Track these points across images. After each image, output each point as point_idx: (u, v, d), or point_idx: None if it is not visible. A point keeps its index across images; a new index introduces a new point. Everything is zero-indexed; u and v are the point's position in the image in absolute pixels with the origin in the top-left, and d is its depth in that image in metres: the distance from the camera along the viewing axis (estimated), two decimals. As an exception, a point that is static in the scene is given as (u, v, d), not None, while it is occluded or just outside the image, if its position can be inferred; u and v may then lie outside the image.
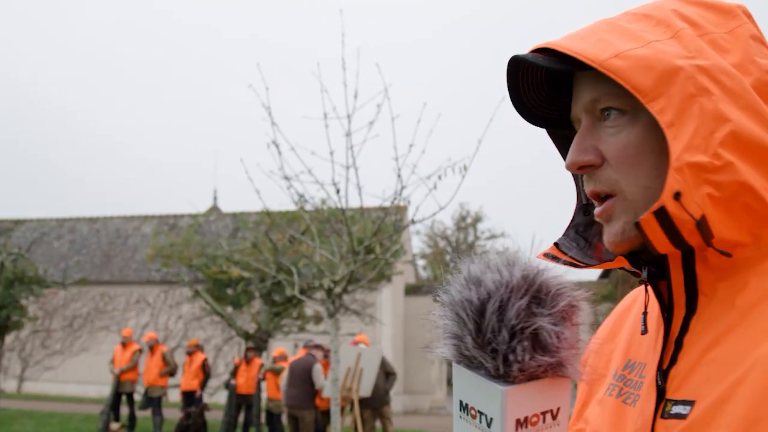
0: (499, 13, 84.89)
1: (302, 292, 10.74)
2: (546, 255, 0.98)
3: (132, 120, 77.64)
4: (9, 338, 26.04)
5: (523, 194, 64.12)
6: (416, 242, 45.71)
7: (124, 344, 14.66)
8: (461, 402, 0.87)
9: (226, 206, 35.01)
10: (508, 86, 1.00)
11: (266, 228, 14.82)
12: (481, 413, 0.85)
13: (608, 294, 18.99)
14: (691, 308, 0.90)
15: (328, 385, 10.08)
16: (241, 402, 13.83)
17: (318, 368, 11.32)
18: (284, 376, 11.84)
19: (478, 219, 45.16)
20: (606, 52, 0.87)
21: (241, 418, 14.19)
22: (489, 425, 0.84)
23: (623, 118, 0.90)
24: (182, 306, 25.24)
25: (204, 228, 26.18)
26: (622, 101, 0.90)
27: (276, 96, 9.47)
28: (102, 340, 26.36)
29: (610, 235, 0.93)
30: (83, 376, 26.21)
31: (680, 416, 0.84)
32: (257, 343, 15.21)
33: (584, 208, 1.04)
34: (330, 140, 8.64)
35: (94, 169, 74.16)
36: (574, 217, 1.05)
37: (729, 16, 0.92)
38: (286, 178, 8.91)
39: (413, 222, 9.05)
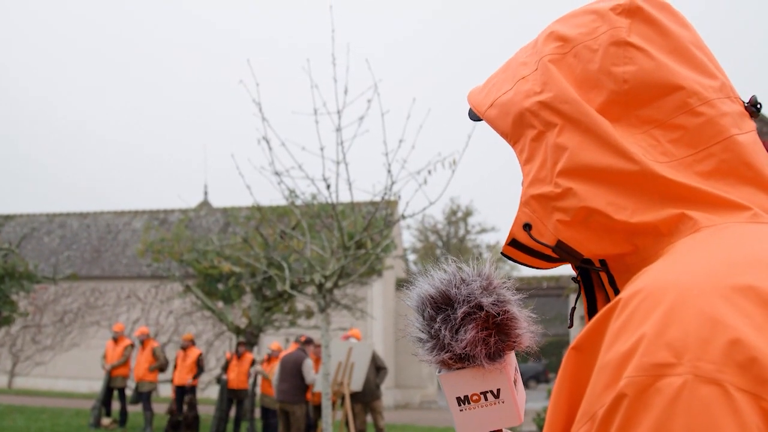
0: None
1: (293, 287, 10.75)
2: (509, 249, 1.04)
3: (122, 115, 77.34)
4: (-1, 334, 26.00)
5: (514, 188, 64.19)
6: (407, 237, 45.72)
7: (116, 339, 14.67)
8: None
9: (217, 201, 34.97)
10: None
11: (257, 223, 14.81)
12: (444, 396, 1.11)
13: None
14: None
15: (319, 380, 10.12)
16: (232, 397, 13.85)
17: (308, 363, 11.35)
18: (275, 371, 11.88)
19: (468, 213, 45.22)
20: (487, 101, 0.97)
21: (233, 413, 14.21)
22: (448, 404, 1.10)
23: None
24: (173, 301, 25.20)
25: (195, 223, 26.14)
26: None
27: (266, 91, 9.49)
28: (93, 335, 26.31)
29: None
30: (74, 371, 26.17)
31: None
32: (248, 338, 15.22)
33: None
34: (320, 136, 8.67)
35: (84, 164, 73.87)
36: None
37: (600, 20, 0.92)
38: (277, 173, 8.93)
39: (403, 217, 9.10)
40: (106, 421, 14.05)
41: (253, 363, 13.79)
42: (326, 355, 8.99)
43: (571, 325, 1.06)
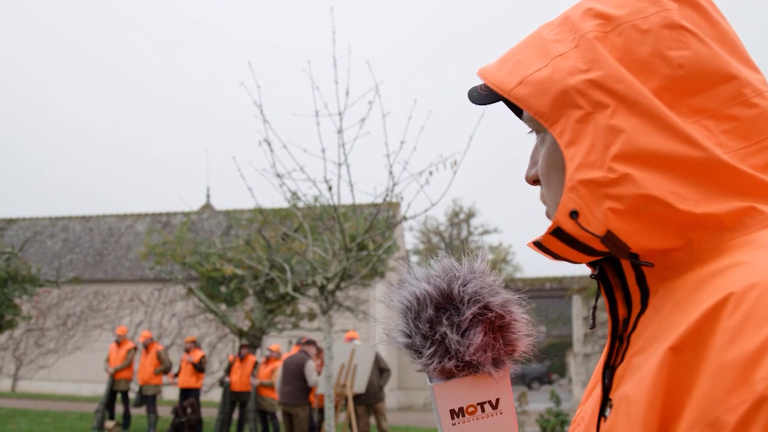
0: None
1: (295, 289, 10.77)
2: (536, 244, 0.99)
3: (124, 118, 77.41)
4: (3, 337, 25.99)
5: (516, 189, 64.17)
6: (409, 238, 45.77)
7: (119, 343, 14.67)
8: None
9: (219, 204, 35.02)
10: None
11: (259, 225, 14.80)
12: (434, 408, 0.99)
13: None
14: (644, 305, 0.89)
15: (322, 382, 10.12)
16: (235, 399, 13.85)
17: (310, 365, 11.35)
18: (278, 374, 11.87)
19: (471, 215, 45.23)
20: (515, 79, 0.88)
21: (236, 415, 14.21)
22: (438, 417, 0.98)
23: (539, 138, 0.94)
24: (176, 304, 25.22)
25: (197, 226, 26.15)
26: (533, 123, 0.94)
27: (268, 94, 9.50)
28: (96, 338, 26.32)
29: None
30: (77, 374, 26.18)
31: (605, 417, 0.86)
32: (251, 341, 15.21)
33: None
34: (322, 138, 8.67)
35: (87, 168, 73.92)
36: None
37: (648, 1, 0.87)
38: (279, 175, 8.93)
39: (405, 218, 9.09)
40: (109, 424, 14.04)
41: (255, 365, 13.80)
42: (329, 357, 8.99)
43: (594, 326, 0.98)
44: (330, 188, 8.61)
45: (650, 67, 0.84)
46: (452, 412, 0.96)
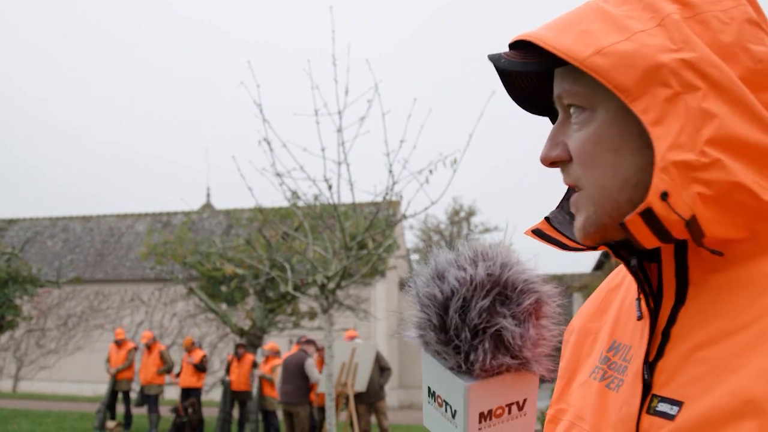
0: None
1: (296, 288, 10.77)
2: (535, 232, 0.95)
3: (123, 118, 77.43)
4: (4, 338, 26.00)
5: (517, 186, 64.21)
6: (410, 237, 45.77)
7: (119, 344, 14.65)
8: (429, 388, 0.91)
9: (219, 203, 35.01)
10: (501, 77, 0.97)
11: (259, 225, 14.82)
12: (446, 403, 0.88)
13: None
14: (680, 298, 0.88)
15: (323, 381, 10.12)
16: (235, 399, 13.86)
17: (310, 362, 11.35)
18: (278, 373, 11.88)
19: (471, 213, 45.21)
20: (588, 48, 0.83)
21: (236, 414, 14.21)
22: (453, 416, 0.87)
23: (583, 115, 0.89)
24: (177, 303, 25.23)
25: (197, 225, 26.16)
26: (581, 98, 0.89)
27: (267, 93, 9.50)
28: (97, 338, 26.34)
29: (575, 228, 0.92)
30: (78, 374, 26.19)
31: (667, 416, 0.83)
32: (252, 340, 15.23)
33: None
34: (321, 137, 8.67)
35: (87, 168, 73.96)
36: (564, 196, 1.01)
37: None
38: (279, 174, 8.94)
39: (405, 217, 9.10)
40: (110, 423, 14.05)
41: (254, 365, 13.81)
42: (329, 355, 8.99)
43: (641, 317, 0.92)
44: (330, 187, 8.61)
45: (734, 56, 0.83)
46: (481, 415, 0.87)
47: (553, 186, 1.01)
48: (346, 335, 12.58)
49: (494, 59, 0.92)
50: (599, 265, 20.51)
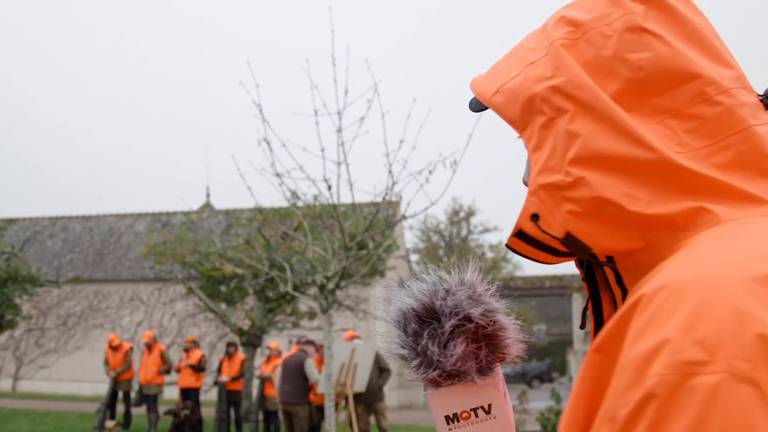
0: None
1: (295, 288, 10.76)
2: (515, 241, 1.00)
3: (122, 118, 77.41)
4: (3, 337, 25.99)
5: (517, 187, 64.21)
6: (409, 237, 45.74)
7: (114, 348, 14.59)
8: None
9: (219, 203, 35.00)
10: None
11: (259, 225, 14.79)
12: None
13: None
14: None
15: (322, 381, 10.12)
16: (228, 398, 13.87)
17: (310, 362, 11.36)
18: (277, 373, 11.87)
19: (471, 213, 45.21)
20: (492, 88, 0.93)
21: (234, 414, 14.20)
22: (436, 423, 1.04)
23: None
24: (176, 303, 25.22)
25: (197, 225, 26.15)
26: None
27: (267, 93, 9.50)
28: (96, 338, 26.33)
29: None
30: (78, 374, 26.19)
31: None
32: (251, 340, 15.21)
33: None
34: (321, 137, 8.68)
35: (86, 168, 73.93)
36: None
37: (614, 5, 0.90)
38: (278, 174, 8.94)
39: (405, 217, 9.10)
40: (110, 423, 14.05)
41: (242, 363, 13.83)
42: (329, 356, 8.99)
43: (584, 326, 0.98)
44: (329, 187, 8.61)
45: (612, 70, 0.86)
46: (447, 417, 1.01)
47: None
48: (345, 335, 12.57)
49: (469, 102, 1.01)
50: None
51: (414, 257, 43.20)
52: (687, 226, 0.81)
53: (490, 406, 1.01)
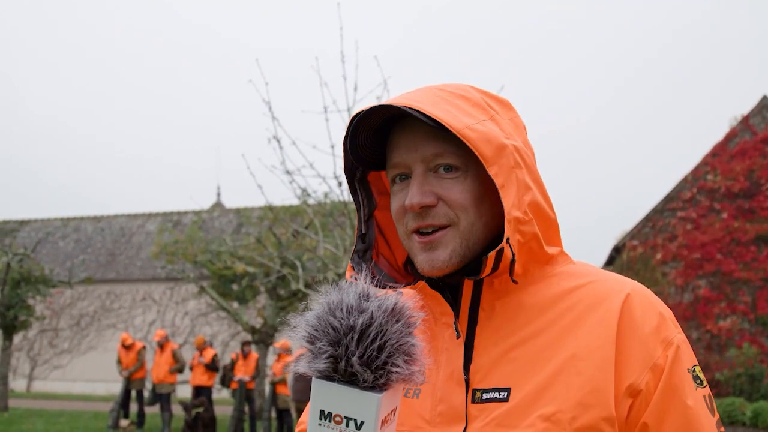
0: None
1: (307, 285, 10.76)
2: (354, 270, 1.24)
3: (133, 120, 77.69)
4: (17, 338, 26.16)
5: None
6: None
7: (127, 347, 14.63)
8: (322, 411, 1.01)
9: (230, 202, 35.06)
10: (350, 132, 1.20)
11: (270, 223, 14.82)
12: (348, 418, 0.99)
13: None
14: (473, 320, 1.18)
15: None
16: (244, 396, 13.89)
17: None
18: (290, 372, 11.89)
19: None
20: (459, 122, 1.11)
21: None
22: (358, 427, 0.99)
23: (458, 173, 1.15)
24: (188, 302, 25.31)
25: (208, 224, 26.22)
26: (460, 160, 1.15)
27: (276, 92, 9.51)
28: (109, 338, 26.46)
29: (433, 260, 1.15)
30: (91, 374, 26.32)
31: (498, 400, 1.11)
32: (263, 338, 15.24)
33: (362, 237, 1.28)
34: (331, 134, 8.67)
35: (97, 169, 74.25)
36: (355, 244, 1.29)
37: (507, 107, 1.24)
38: (288, 172, 8.94)
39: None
40: (123, 422, 14.09)
41: (256, 365, 13.85)
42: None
43: (459, 336, 1.20)
44: (340, 184, 8.60)
45: (529, 147, 1.22)
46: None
47: (552, 186, 1.28)
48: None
49: (373, 108, 1.15)
50: (610, 261, 20.39)
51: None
52: (556, 262, 1.21)
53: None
